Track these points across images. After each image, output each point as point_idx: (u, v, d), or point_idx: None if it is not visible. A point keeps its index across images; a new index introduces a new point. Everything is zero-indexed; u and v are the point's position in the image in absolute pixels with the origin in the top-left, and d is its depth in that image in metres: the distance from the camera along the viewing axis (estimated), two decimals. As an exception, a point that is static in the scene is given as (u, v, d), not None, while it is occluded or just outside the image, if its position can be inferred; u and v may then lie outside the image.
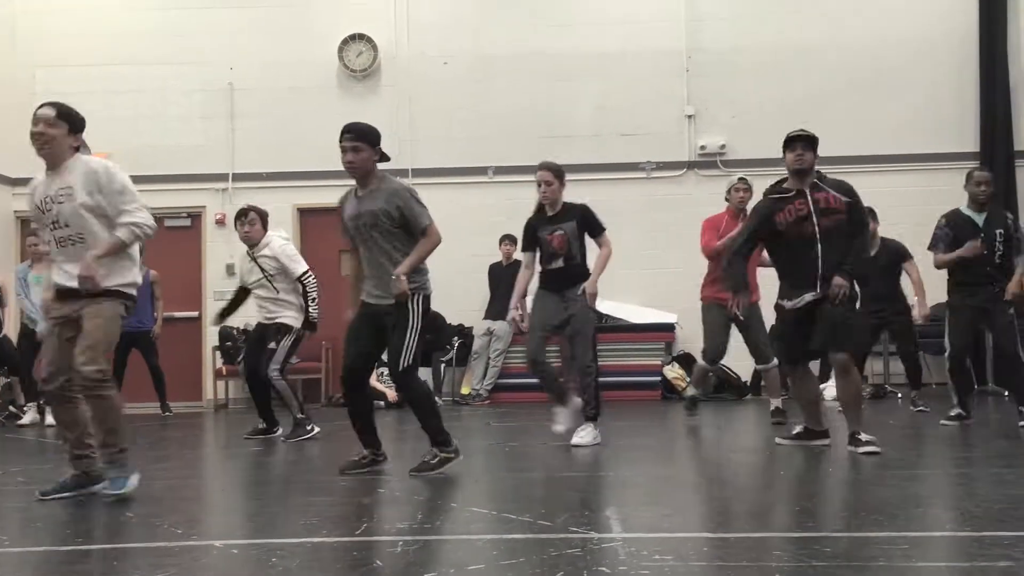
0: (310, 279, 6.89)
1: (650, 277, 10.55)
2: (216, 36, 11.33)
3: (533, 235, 6.13)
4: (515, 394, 9.76)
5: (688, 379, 10.16)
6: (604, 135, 11.10)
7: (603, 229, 6.11)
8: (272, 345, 6.90)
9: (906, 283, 8.21)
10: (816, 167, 5.62)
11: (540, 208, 6.16)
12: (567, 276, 6.04)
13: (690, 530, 3.62)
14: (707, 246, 7.16)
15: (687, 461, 5.87)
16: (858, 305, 5.66)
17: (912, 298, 8.13)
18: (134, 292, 4.54)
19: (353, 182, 5.14)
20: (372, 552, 3.27)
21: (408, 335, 4.88)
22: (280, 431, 6.97)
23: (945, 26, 10.98)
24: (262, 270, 6.93)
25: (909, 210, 9.66)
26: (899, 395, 9.84)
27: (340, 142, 5.02)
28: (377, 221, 4.90)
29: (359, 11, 11.31)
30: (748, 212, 6.68)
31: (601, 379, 9.97)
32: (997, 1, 10.91)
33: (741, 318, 6.53)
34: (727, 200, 7.27)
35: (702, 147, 10.99)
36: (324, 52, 11.20)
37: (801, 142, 5.48)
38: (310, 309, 6.84)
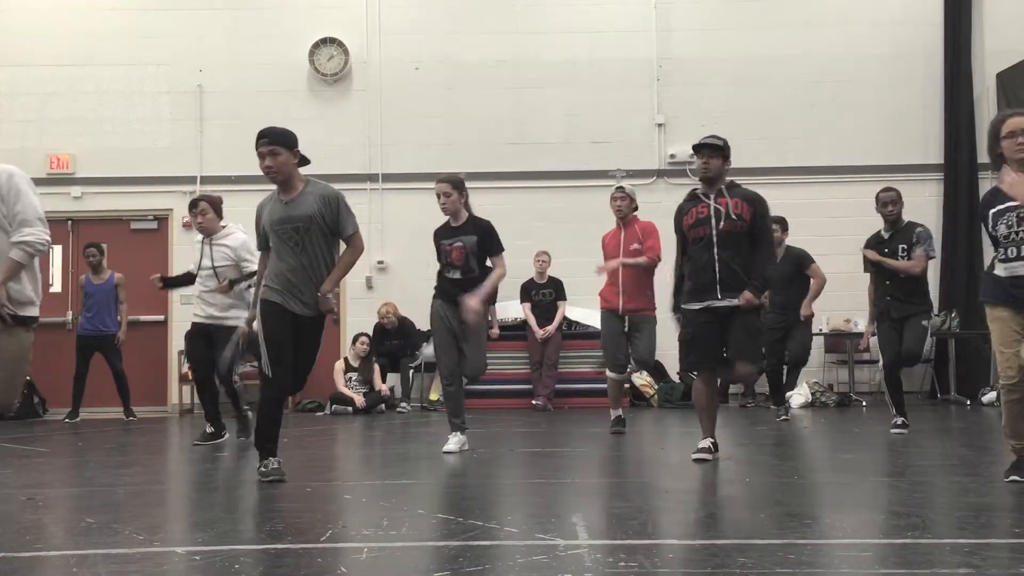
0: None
1: (619, 284, 10.59)
2: (185, 38, 11.24)
3: (437, 243, 6.15)
4: (483, 400, 9.75)
5: (656, 387, 10.22)
6: (574, 142, 11.15)
7: (501, 250, 6.09)
8: (228, 352, 6.75)
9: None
10: (729, 176, 5.64)
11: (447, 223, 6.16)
12: (462, 288, 5.98)
13: (656, 537, 3.63)
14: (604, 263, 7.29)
15: (653, 468, 5.88)
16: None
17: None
18: (35, 312, 4.05)
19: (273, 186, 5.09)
20: (337, 559, 3.25)
21: (317, 352, 5.03)
22: (227, 435, 6.98)
23: (911, 40, 11.15)
24: (212, 260, 6.77)
25: (873, 220, 9.75)
26: (864, 403, 9.96)
27: (256, 148, 4.98)
28: (312, 225, 4.88)
29: (330, 15, 11.27)
30: (628, 220, 7.12)
31: (569, 385, 10.23)
32: (962, 16, 11.09)
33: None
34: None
35: (671, 156, 11.07)
36: (295, 55, 11.15)
37: (707, 149, 5.53)
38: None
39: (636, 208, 7.30)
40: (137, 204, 11.16)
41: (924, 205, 10.68)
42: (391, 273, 10.89)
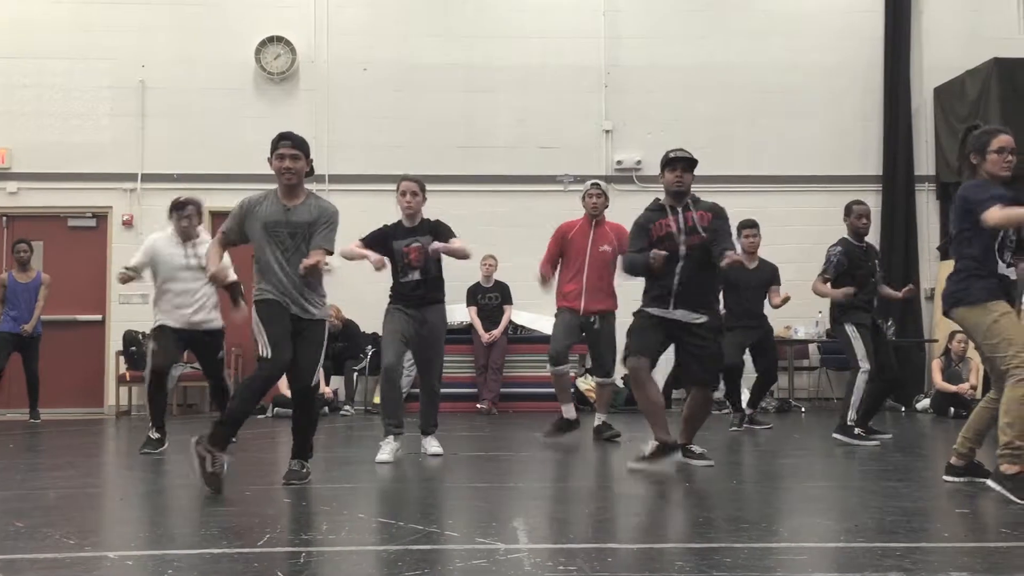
0: None
1: (565, 289, 10.64)
2: (127, 32, 11.04)
3: (383, 240, 5.98)
4: (428, 404, 9.69)
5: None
6: (523, 147, 11.18)
7: (454, 236, 5.99)
8: (223, 353, 6.73)
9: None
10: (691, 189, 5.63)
11: (399, 220, 6.06)
12: (424, 292, 5.92)
13: (596, 541, 3.64)
14: (546, 259, 7.20)
15: (595, 472, 5.91)
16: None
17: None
18: None
19: (269, 186, 5.03)
20: (273, 564, 3.20)
21: (322, 354, 4.93)
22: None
23: (852, 53, 11.39)
24: (198, 259, 6.57)
25: (812, 229, 9.97)
26: (803, 409, 10.13)
27: (277, 148, 4.91)
28: (307, 233, 4.88)
29: (278, 13, 11.16)
30: (602, 218, 7.04)
31: (515, 389, 10.23)
32: (901, 30, 11.37)
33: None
34: (583, 206, 7.23)
35: (618, 162, 11.16)
36: (240, 53, 11.01)
37: (682, 163, 5.52)
38: None
39: (607, 206, 7.17)
40: (75, 201, 10.91)
41: (863, 215, 10.90)
42: (337, 275, 10.77)
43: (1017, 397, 4.34)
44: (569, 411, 7.14)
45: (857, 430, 6.79)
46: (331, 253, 5.00)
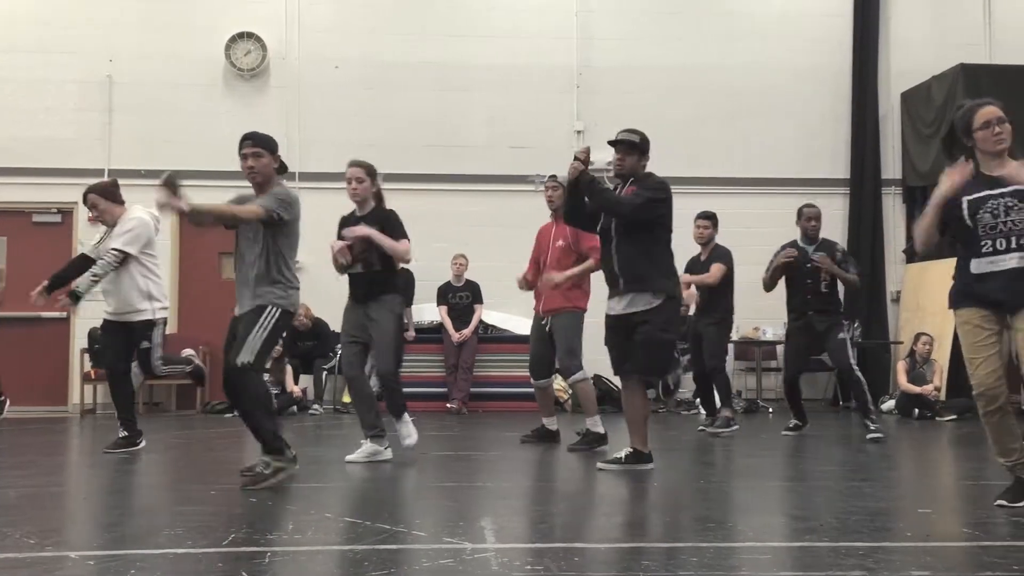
0: None
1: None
2: (95, 26, 10.89)
3: (341, 229, 5.95)
4: (397, 403, 9.66)
5: (570, 391, 10.27)
6: (495, 147, 11.17)
7: (404, 236, 5.82)
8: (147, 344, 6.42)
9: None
10: (647, 169, 5.54)
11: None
12: (366, 282, 5.79)
13: (562, 540, 3.65)
14: (529, 261, 7.11)
15: (565, 472, 5.92)
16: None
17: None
18: None
19: (239, 183, 5.04)
20: (238, 564, 3.18)
21: (254, 332, 4.71)
22: (143, 442, 6.58)
23: (821, 57, 11.50)
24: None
25: (781, 231, 9.98)
26: (770, 410, 10.21)
27: (240, 150, 4.92)
28: (255, 231, 4.84)
29: (248, 9, 11.07)
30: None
31: (485, 389, 10.22)
32: (870, 35, 11.49)
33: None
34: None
35: (590, 163, 11.15)
36: (210, 49, 10.91)
37: (622, 146, 5.47)
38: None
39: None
40: (40, 196, 10.76)
41: (831, 218, 10.97)
42: (307, 273, 10.66)
43: None
44: (550, 423, 6.89)
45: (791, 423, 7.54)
46: (271, 215, 4.73)
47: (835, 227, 10.97)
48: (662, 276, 5.30)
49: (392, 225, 5.81)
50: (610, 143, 5.51)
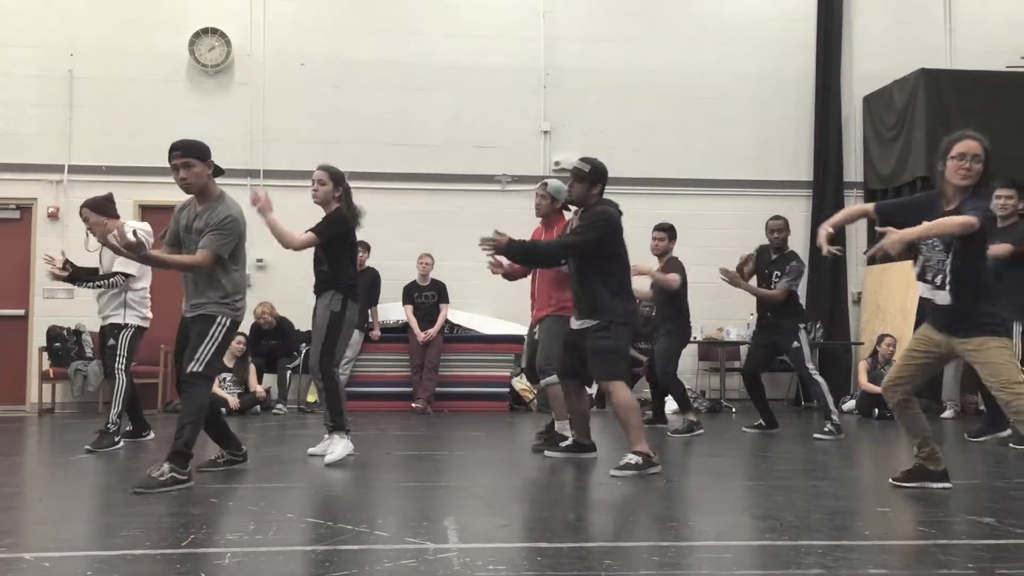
0: None
1: (501, 289, 10.57)
2: (55, 19, 10.73)
3: None
4: (362, 403, 9.63)
5: (535, 391, 10.29)
6: (460, 146, 11.16)
7: (318, 231, 5.83)
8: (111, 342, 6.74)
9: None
10: (602, 195, 5.75)
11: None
12: (320, 278, 5.94)
13: (525, 540, 3.66)
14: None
15: (528, 472, 5.93)
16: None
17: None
18: None
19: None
20: (198, 564, 3.15)
21: (206, 342, 4.85)
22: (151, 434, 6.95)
23: (785, 60, 11.61)
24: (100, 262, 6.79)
25: (745, 233, 10.12)
26: (734, 410, 10.29)
27: (169, 161, 4.93)
28: (200, 238, 4.92)
29: (213, 4, 10.96)
30: (551, 220, 6.72)
31: (450, 389, 10.20)
32: (833, 39, 11.63)
33: None
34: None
35: (556, 162, 11.19)
36: (174, 44, 10.79)
37: (572, 175, 5.74)
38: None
39: (562, 207, 6.69)
40: (-2, 192, 10.59)
41: (794, 221, 10.97)
42: (271, 271, 10.66)
43: None
44: (562, 427, 6.59)
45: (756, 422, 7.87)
46: (217, 257, 4.87)
47: (797, 229, 11.01)
48: (612, 299, 5.53)
49: (323, 221, 5.91)
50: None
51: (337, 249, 5.86)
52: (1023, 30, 11.39)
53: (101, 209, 6.73)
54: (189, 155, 4.86)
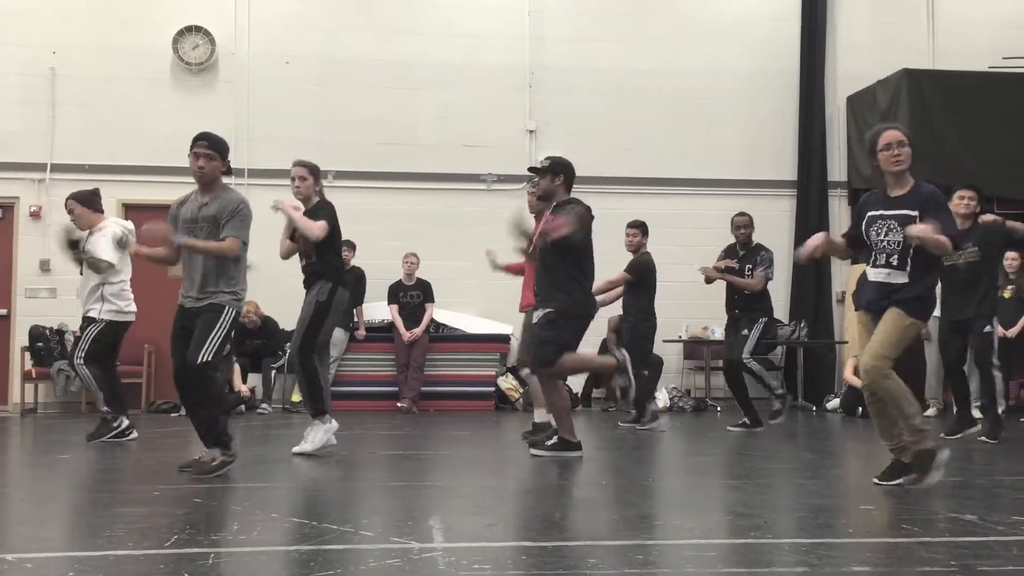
0: None
1: (487, 288, 10.60)
2: (38, 17, 10.65)
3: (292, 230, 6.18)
4: (348, 402, 9.61)
5: (521, 390, 10.29)
6: (447, 145, 11.14)
7: (323, 220, 6.03)
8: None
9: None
10: (571, 194, 6.01)
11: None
12: (308, 272, 6.10)
13: (511, 539, 3.65)
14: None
15: (514, 471, 5.93)
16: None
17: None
18: None
19: (184, 178, 5.22)
20: (181, 565, 3.13)
21: (214, 331, 5.01)
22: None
23: (770, 61, 11.65)
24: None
25: (727, 232, 10.12)
26: (719, 408, 10.33)
27: (192, 147, 5.14)
28: (213, 227, 5.10)
29: (196, 2, 10.90)
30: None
31: (436, 388, 10.19)
32: (817, 39, 11.67)
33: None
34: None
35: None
36: (157, 42, 10.72)
37: (537, 170, 6.03)
38: None
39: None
40: (-20, 190, 10.50)
41: (778, 220, 11.19)
42: (256, 271, 10.52)
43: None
44: (540, 415, 6.79)
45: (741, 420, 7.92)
46: (245, 243, 5.14)
47: (782, 228, 11.15)
48: (559, 292, 5.82)
49: (323, 211, 6.07)
50: (531, 168, 6.17)
51: (325, 240, 5.99)
52: (1005, 31, 11.47)
53: (88, 202, 6.85)
54: (213, 148, 5.12)
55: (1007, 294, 8.79)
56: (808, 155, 11.58)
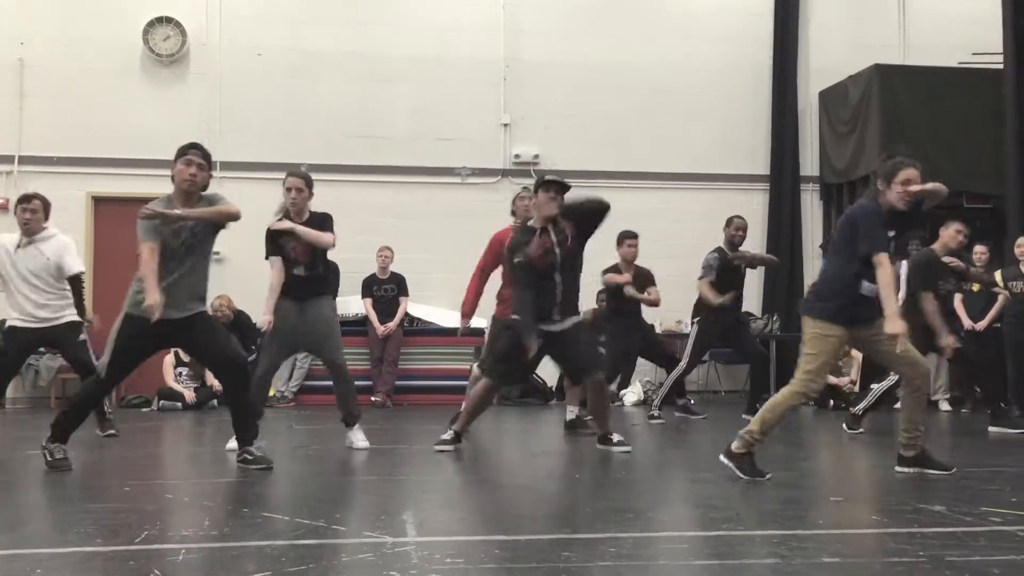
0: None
1: (462, 282, 10.55)
2: (5, 8, 10.50)
3: (274, 241, 6.03)
4: (321, 396, 9.54)
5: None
6: (420, 138, 11.09)
7: (330, 230, 6.09)
8: (84, 337, 6.60)
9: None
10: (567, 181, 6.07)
11: (286, 214, 6.05)
12: (308, 284, 6.01)
13: (484, 533, 3.65)
14: (481, 266, 7.18)
15: (488, 464, 5.93)
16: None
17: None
18: None
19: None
20: (151, 561, 3.10)
21: (224, 331, 5.37)
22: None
23: (743, 55, 11.70)
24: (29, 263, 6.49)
25: (701, 226, 10.19)
26: (692, 402, 10.35)
27: (186, 155, 5.08)
28: (208, 235, 5.12)
29: (168, -8, 10.78)
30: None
31: (410, 382, 10.16)
32: (789, 34, 11.74)
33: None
34: (513, 213, 7.07)
35: (516, 155, 11.19)
36: (127, 33, 10.59)
37: (557, 187, 5.95)
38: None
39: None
40: (-55, 183, 10.33)
41: (751, 214, 11.15)
42: (228, 265, 10.50)
43: (788, 395, 4.82)
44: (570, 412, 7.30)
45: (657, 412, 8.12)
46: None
47: (754, 223, 11.15)
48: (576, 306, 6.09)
49: (327, 222, 6.12)
50: (545, 182, 5.98)
51: (323, 250, 6.06)
52: (976, 26, 11.57)
53: (47, 213, 6.68)
54: (206, 160, 5.13)
55: (976, 288, 8.89)
56: (781, 150, 11.65)
